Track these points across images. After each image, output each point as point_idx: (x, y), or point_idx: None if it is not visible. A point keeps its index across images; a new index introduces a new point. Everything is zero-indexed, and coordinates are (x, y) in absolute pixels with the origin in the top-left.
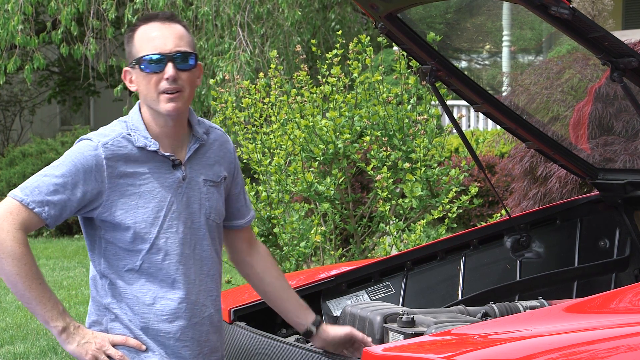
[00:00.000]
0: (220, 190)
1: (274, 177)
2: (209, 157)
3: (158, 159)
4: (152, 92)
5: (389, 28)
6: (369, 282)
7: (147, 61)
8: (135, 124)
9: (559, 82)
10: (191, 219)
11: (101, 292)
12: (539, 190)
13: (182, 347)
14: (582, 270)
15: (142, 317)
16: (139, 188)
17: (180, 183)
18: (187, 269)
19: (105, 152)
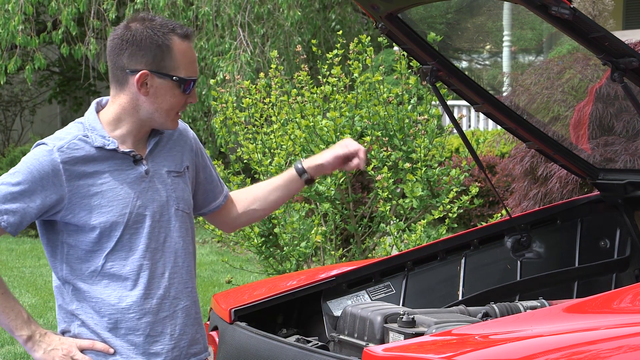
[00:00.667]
0: (185, 179)
1: None
2: (170, 147)
3: (118, 156)
4: (173, 110)
5: (390, 28)
6: (369, 282)
7: (191, 84)
8: (92, 124)
9: (560, 82)
10: (159, 212)
11: (66, 299)
12: (540, 190)
13: (152, 342)
14: (582, 271)
15: (109, 318)
16: (101, 187)
17: (144, 177)
18: (154, 264)
19: (62, 155)
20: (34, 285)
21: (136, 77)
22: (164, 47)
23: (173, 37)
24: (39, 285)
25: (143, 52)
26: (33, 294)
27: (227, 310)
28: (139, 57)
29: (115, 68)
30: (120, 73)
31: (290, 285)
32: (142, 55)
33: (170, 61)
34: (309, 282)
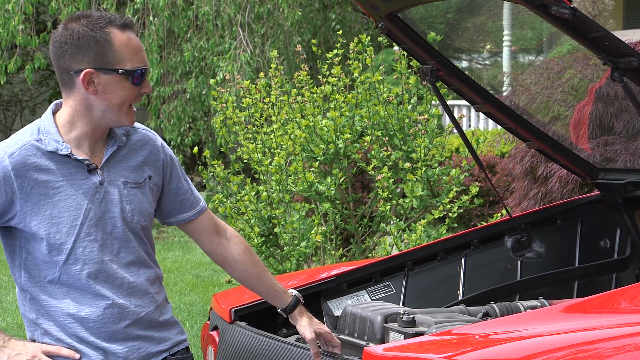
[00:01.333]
0: (144, 190)
1: (274, 177)
2: (130, 158)
3: (72, 164)
4: (126, 103)
5: (390, 28)
6: (369, 282)
7: (139, 75)
8: (47, 128)
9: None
10: (112, 223)
11: (26, 307)
12: (540, 190)
13: (119, 349)
14: (582, 270)
15: (69, 327)
16: (53, 197)
17: (98, 188)
18: (111, 275)
19: (12, 162)
20: None
21: (81, 77)
22: (102, 42)
23: (111, 29)
24: None
25: (83, 51)
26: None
27: (227, 310)
28: (80, 56)
29: (60, 71)
30: (66, 76)
31: (290, 285)
32: (83, 54)
33: (113, 55)
34: (309, 282)
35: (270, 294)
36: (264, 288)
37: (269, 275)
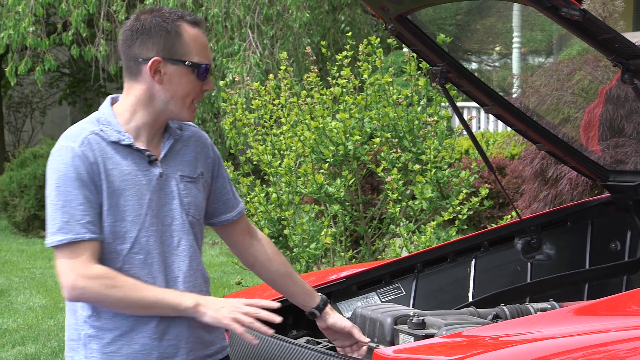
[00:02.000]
0: (198, 186)
1: (284, 178)
2: (185, 153)
3: (134, 155)
4: (189, 97)
5: (399, 30)
6: (379, 283)
7: (204, 69)
8: (107, 119)
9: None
10: (171, 215)
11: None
12: (550, 192)
13: (167, 346)
14: (593, 273)
15: (127, 320)
16: (118, 186)
17: (158, 180)
18: (168, 266)
19: (84, 149)
20: (45, 286)
21: (149, 65)
22: (173, 33)
23: (182, 23)
24: (50, 286)
25: (154, 40)
26: (44, 295)
27: None
28: (150, 45)
29: (128, 59)
30: (133, 63)
31: None
32: (153, 43)
33: (182, 47)
34: (318, 284)
35: (302, 292)
36: (296, 287)
37: (297, 276)
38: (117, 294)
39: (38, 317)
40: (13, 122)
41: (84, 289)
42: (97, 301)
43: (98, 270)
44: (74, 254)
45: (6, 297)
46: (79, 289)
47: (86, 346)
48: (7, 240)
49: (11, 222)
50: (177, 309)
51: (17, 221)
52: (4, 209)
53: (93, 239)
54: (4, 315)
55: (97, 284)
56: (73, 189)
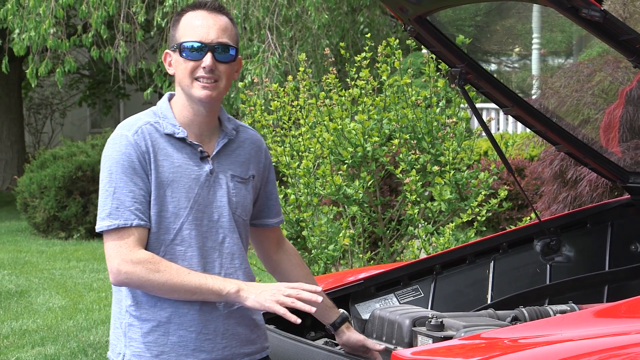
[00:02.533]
0: (248, 187)
1: (302, 180)
2: (239, 154)
3: (187, 150)
4: (187, 77)
5: (418, 31)
6: (397, 285)
7: (188, 48)
8: (164, 112)
9: (590, 85)
10: (219, 212)
11: (124, 293)
12: (569, 193)
13: (204, 340)
14: (612, 275)
15: (164, 311)
16: (168, 177)
17: (208, 176)
18: (210, 262)
19: (137, 139)
20: (64, 287)
21: (163, 58)
22: (174, 24)
23: (187, 12)
24: (69, 287)
25: (170, 35)
26: (63, 296)
27: None
28: (169, 40)
29: None
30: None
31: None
32: (170, 38)
33: (177, 32)
34: (337, 285)
35: (319, 307)
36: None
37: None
38: (161, 278)
39: (57, 318)
40: (33, 124)
41: (128, 273)
42: (141, 285)
43: (142, 255)
44: (121, 239)
45: (26, 298)
46: (123, 273)
47: (126, 335)
48: (26, 241)
49: (31, 223)
50: (219, 294)
51: (37, 222)
52: (24, 210)
53: (140, 226)
54: (24, 316)
55: (141, 269)
56: (124, 176)
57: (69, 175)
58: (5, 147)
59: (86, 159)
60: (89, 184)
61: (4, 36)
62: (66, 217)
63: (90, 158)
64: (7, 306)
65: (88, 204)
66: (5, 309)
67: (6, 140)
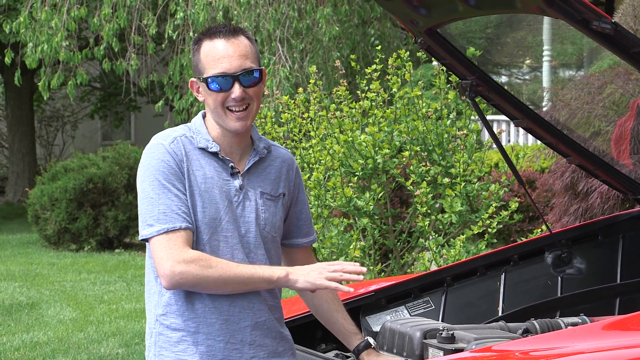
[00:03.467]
0: (277, 205)
1: (313, 192)
2: (269, 172)
3: (219, 164)
4: (219, 108)
5: (429, 43)
6: (408, 297)
7: (214, 81)
8: (198, 128)
9: (601, 97)
10: (246, 227)
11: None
12: (580, 205)
13: (232, 349)
14: (624, 287)
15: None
16: (200, 188)
17: (238, 192)
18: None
19: (174, 148)
20: (75, 299)
21: (190, 85)
22: (195, 53)
23: (204, 41)
24: (80, 299)
25: (193, 62)
26: (74, 308)
27: None
28: (193, 67)
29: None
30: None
31: None
32: (193, 66)
33: (200, 63)
34: (347, 297)
35: (339, 333)
36: (337, 326)
37: (341, 315)
38: (214, 273)
39: (68, 330)
40: (44, 136)
41: (182, 273)
42: (197, 283)
43: (193, 253)
44: (171, 242)
45: (37, 310)
46: (177, 274)
47: (156, 344)
48: (38, 253)
49: (42, 235)
50: (270, 281)
51: (48, 234)
52: (35, 222)
53: (188, 229)
54: (35, 328)
55: (195, 267)
56: (167, 182)
57: (80, 187)
58: (16, 159)
59: (97, 171)
60: (100, 196)
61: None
62: (77, 229)
63: (101, 170)
64: (18, 318)
65: (99, 216)
66: (16, 321)
67: (17, 153)
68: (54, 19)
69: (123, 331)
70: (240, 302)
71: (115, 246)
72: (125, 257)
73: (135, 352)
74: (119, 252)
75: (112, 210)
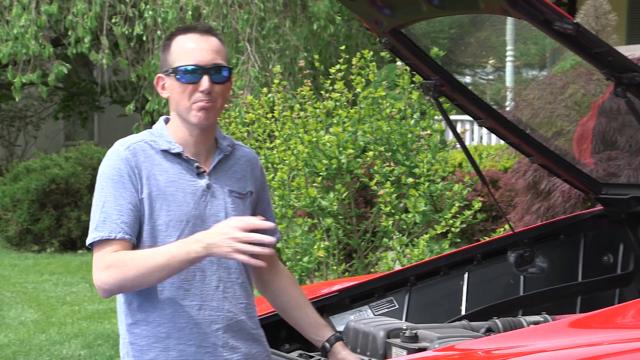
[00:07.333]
0: (245, 203)
1: (277, 192)
2: (236, 170)
3: (183, 165)
4: (185, 101)
5: (393, 43)
6: (372, 297)
7: (183, 71)
8: (160, 132)
9: (563, 97)
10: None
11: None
12: (542, 204)
13: (204, 353)
14: (585, 286)
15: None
16: (163, 191)
17: (205, 191)
18: (208, 276)
19: (130, 153)
20: (37, 301)
21: (154, 82)
22: (166, 48)
23: (177, 36)
24: (42, 300)
25: (161, 59)
26: (36, 310)
27: None
28: (161, 64)
29: None
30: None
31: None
32: (161, 62)
33: (169, 56)
34: (311, 297)
35: (312, 325)
36: (307, 319)
37: (310, 309)
38: (131, 271)
39: (30, 332)
40: (6, 136)
41: (105, 281)
42: (122, 285)
43: (109, 258)
44: (103, 251)
45: None
46: (102, 282)
47: (128, 354)
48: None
49: (3, 236)
50: (188, 261)
51: (10, 235)
52: None
53: (124, 239)
54: None
55: (113, 271)
56: (113, 190)
57: (43, 188)
58: None
59: (60, 172)
60: (63, 197)
61: None
62: (39, 230)
63: (64, 171)
64: None
65: (62, 217)
66: None
67: None
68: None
69: (85, 332)
70: (210, 305)
71: (78, 247)
72: (88, 258)
73: (97, 353)
74: (82, 253)
75: (75, 211)
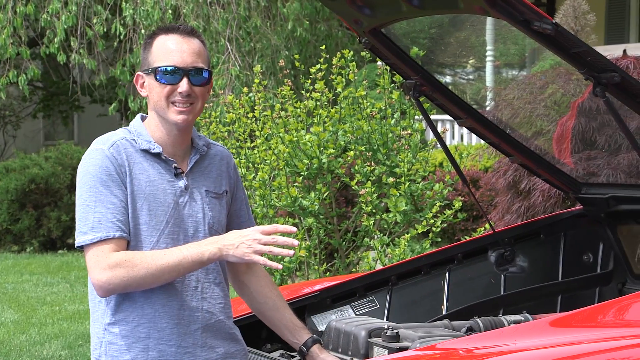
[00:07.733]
0: (222, 202)
1: (258, 192)
2: (211, 170)
3: (162, 165)
4: (163, 101)
5: (373, 43)
6: (353, 296)
7: (162, 72)
8: (138, 130)
9: (542, 97)
10: (194, 227)
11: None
12: (522, 204)
13: (184, 353)
14: (565, 285)
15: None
16: (144, 191)
17: (183, 192)
18: (188, 276)
19: (113, 152)
20: (17, 301)
21: (134, 80)
22: (147, 47)
23: (159, 35)
24: (22, 301)
25: (141, 57)
26: (15, 310)
27: None
28: (141, 62)
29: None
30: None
31: None
32: (141, 61)
33: (150, 55)
34: (293, 297)
35: (289, 328)
36: (284, 321)
37: (288, 311)
38: (141, 271)
39: (9, 332)
40: None
41: (109, 280)
42: (127, 285)
43: (116, 257)
44: (101, 251)
45: None
46: (105, 281)
47: (107, 353)
48: None
49: None
50: (201, 262)
51: None
52: None
53: (122, 237)
54: None
55: (120, 270)
56: (104, 189)
57: (22, 188)
58: None
59: (39, 172)
60: (43, 197)
61: None
62: (19, 230)
63: (43, 171)
64: None
65: (42, 217)
66: None
67: None
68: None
69: (66, 333)
70: (189, 305)
71: (58, 247)
72: (68, 258)
73: (78, 353)
74: (62, 253)
75: (55, 211)
